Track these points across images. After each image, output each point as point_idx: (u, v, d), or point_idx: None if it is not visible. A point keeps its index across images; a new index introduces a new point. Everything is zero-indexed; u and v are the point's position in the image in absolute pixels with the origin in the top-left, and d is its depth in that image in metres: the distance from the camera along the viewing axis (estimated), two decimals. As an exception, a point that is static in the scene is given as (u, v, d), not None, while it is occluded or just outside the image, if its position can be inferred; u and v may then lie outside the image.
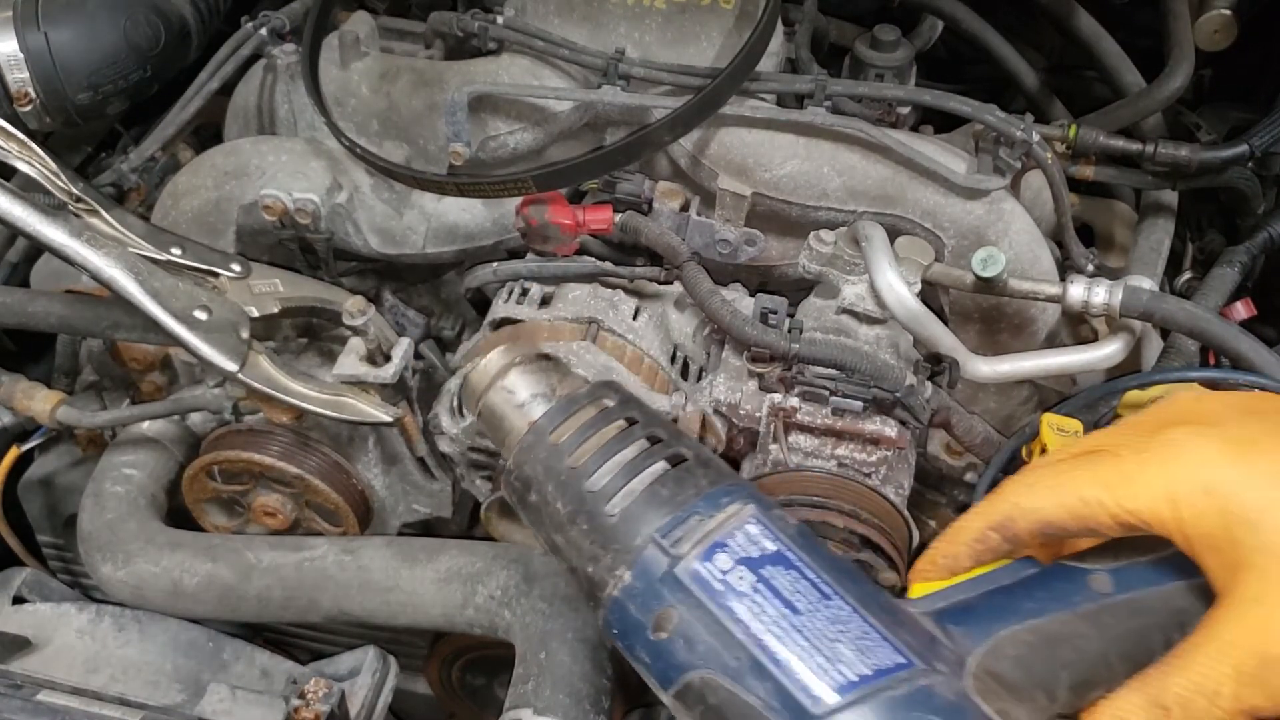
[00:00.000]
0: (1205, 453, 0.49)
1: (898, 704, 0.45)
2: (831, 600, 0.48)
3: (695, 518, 0.52)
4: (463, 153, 1.04)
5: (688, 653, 0.48)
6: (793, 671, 0.46)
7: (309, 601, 1.02)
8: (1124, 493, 0.50)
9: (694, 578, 0.49)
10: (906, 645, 0.47)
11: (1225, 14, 1.12)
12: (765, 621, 0.47)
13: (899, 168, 1.03)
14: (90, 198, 0.94)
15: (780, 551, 0.50)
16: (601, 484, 0.54)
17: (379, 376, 0.97)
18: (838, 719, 0.44)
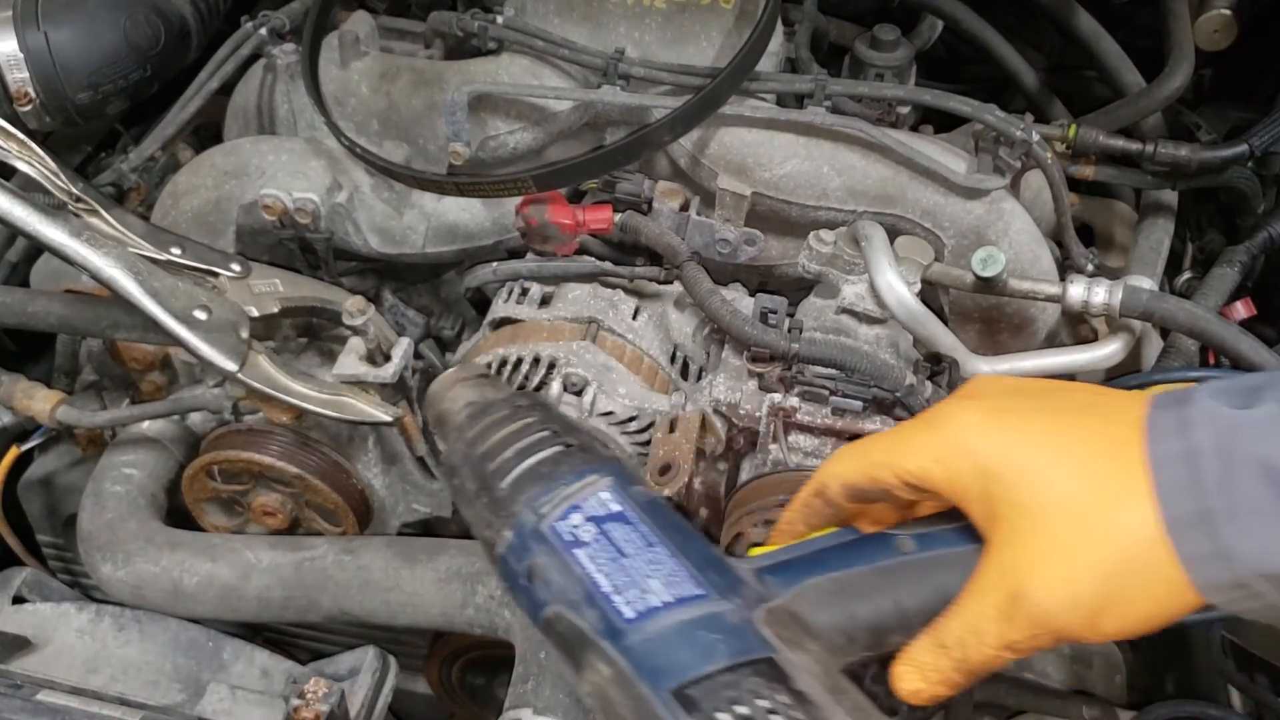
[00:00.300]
0: (966, 419, 0.56)
1: (687, 623, 0.55)
2: (655, 548, 0.59)
3: (561, 487, 0.63)
4: (462, 152, 1.05)
5: (545, 591, 0.60)
6: (611, 600, 0.57)
7: (309, 601, 1.02)
8: (902, 457, 0.58)
9: (552, 532, 0.61)
10: (710, 582, 0.57)
11: (1225, 14, 1.12)
12: (598, 564, 0.59)
13: (899, 167, 1.03)
14: (90, 197, 0.94)
15: (623, 512, 0.62)
16: (499, 465, 0.66)
17: (379, 376, 0.97)
18: (638, 631, 0.55)
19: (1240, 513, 0.49)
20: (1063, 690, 1.06)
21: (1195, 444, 0.51)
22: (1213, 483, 0.50)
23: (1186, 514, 0.50)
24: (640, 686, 0.53)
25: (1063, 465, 0.53)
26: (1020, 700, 1.05)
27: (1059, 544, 0.52)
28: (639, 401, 0.96)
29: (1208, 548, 0.50)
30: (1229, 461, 0.49)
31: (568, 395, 0.93)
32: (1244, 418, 0.50)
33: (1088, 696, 1.05)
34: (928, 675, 0.57)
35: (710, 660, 0.53)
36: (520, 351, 0.97)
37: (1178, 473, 0.51)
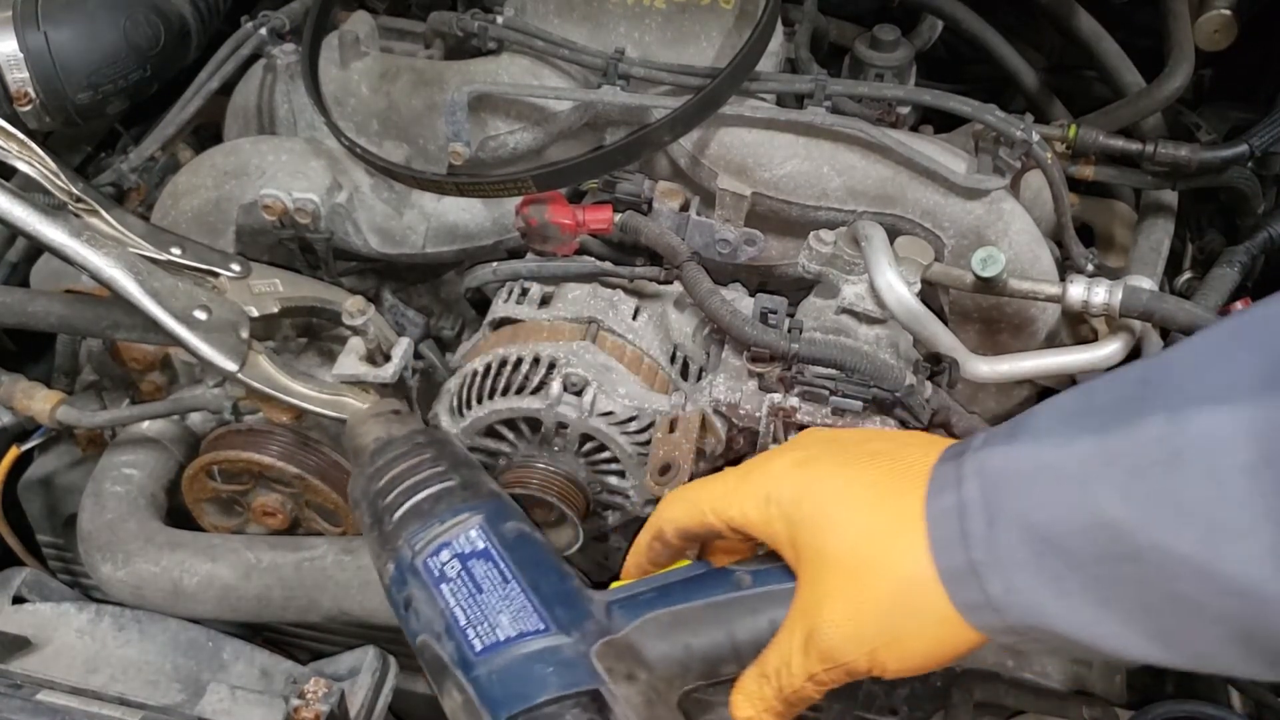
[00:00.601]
0: (775, 469, 0.62)
1: (525, 656, 0.61)
2: (509, 583, 0.65)
3: (436, 524, 0.69)
4: (462, 152, 1.05)
5: (417, 622, 0.66)
6: (465, 633, 0.63)
7: (309, 601, 1.03)
8: (725, 505, 0.63)
9: (424, 567, 0.68)
10: (554, 618, 0.63)
11: (1225, 14, 1.12)
12: (458, 598, 0.65)
13: (899, 168, 1.03)
14: (90, 197, 0.95)
15: (487, 549, 0.67)
16: (389, 501, 0.72)
17: (379, 376, 0.97)
18: (484, 664, 0.61)
19: (1004, 568, 0.52)
20: (1063, 690, 1.06)
21: (964, 498, 0.54)
22: (978, 537, 0.53)
23: (957, 566, 0.54)
24: (482, 714, 0.60)
25: (848, 513, 0.58)
26: (1020, 700, 1.05)
27: (844, 586, 0.56)
28: (639, 401, 0.96)
29: (979, 598, 0.53)
30: (992, 517, 0.52)
31: (568, 395, 0.93)
32: (1007, 466, 0.53)
33: (1088, 696, 1.05)
34: (755, 704, 0.61)
35: (541, 691, 0.59)
36: (520, 351, 0.97)
37: (950, 526, 0.54)
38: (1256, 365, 0.46)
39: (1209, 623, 0.47)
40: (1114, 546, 0.49)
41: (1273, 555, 0.44)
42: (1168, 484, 0.47)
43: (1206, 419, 0.46)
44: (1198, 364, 0.48)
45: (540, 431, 0.96)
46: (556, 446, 0.97)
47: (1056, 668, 1.14)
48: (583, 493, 0.99)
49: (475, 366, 0.98)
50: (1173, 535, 0.47)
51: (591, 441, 0.96)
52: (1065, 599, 0.51)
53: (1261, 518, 0.44)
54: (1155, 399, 0.49)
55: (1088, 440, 0.50)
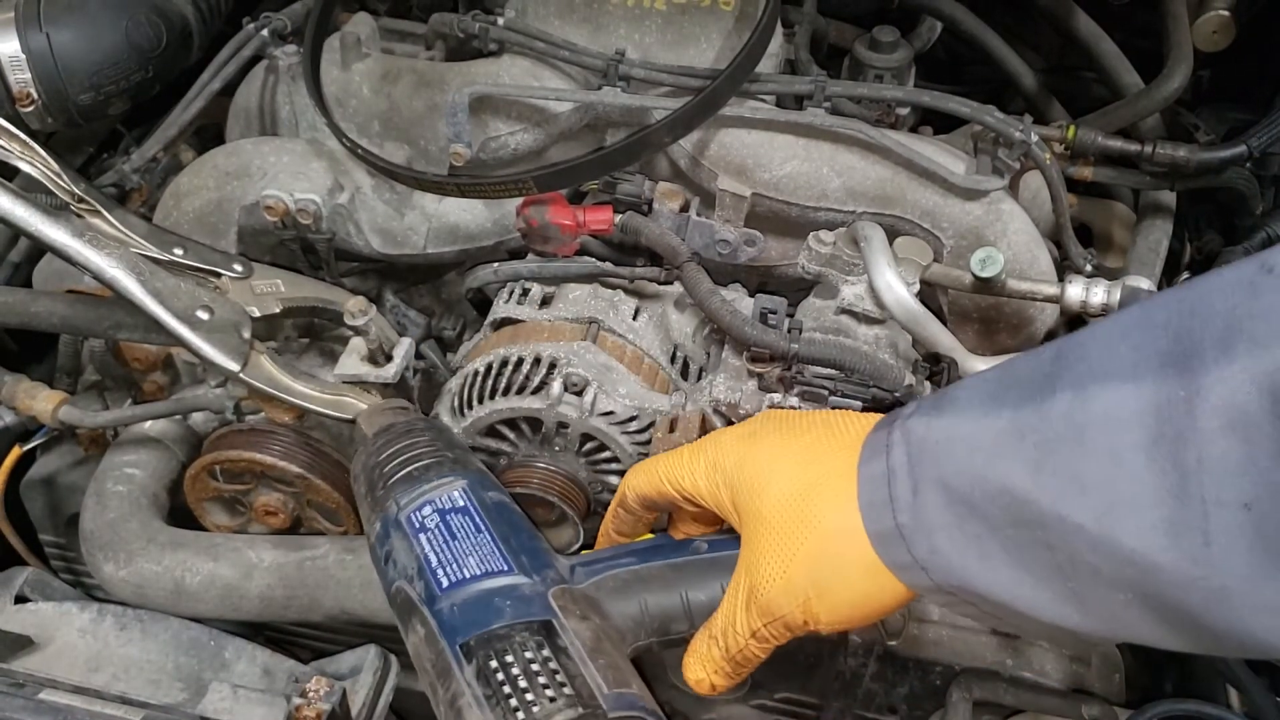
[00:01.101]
0: (722, 442, 0.66)
1: (486, 590, 0.66)
2: (481, 534, 0.69)
3: (422, 486, 0.74)
4: (464, 153, 1.05)
5: (393, 570, 0.71)
6: (435, 573, 0.67)
7: (310, 600, 1.03)
8: (678, 475, 0.68)
9: (407, 520, 0.72)
10: (518, 564, 0.67)
11: (1223, 15, 1.12)
12: (432, 544, 0.69)
13: (898, 168, 1.03)
14: (92, 198, 0.95)
15: (466, 506, 0.72)
16: (385, 471, 0.77)
17: (380, 376, 0.97)
18: (448, 597, 0.66)
19: (928, 531, 0.55)
20: (1062, 690, 1.07)
21: (892, 464, 0.57)
22: (904, 502, 0.56)
23: (886, 529, 0.57)
24: (441, 641, 0.64)
25: (781, 473, 0.61)
26: (1020, 700, 1.05)
27: (777, 542, 0.60)
28: (639, 401, 0.96)
29: (906, 559, 0.56)
30: (917, 483, 0.55)
31: (568, 395, 0.94)
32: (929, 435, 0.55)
33: (1087, 696, 1.06)
34: (705, 664, 0.64)
35: (495, 620, 0.63)
36: (521, 352, 0.98)
37: (879, 491, 0.57)
38: (1158, 346, 0.47)
39: (1114, 588, 0.49)
40: (1024, 514, 0.51)
41: (1166, 528, 0.46)
42: (1072, 459, 0.49)
43: (1109, 397, 0.48)
44: (1107, 343, 0.50)
45: (541, 431, 0.96)
46: (557, 446, 0.98)
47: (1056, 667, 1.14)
48: (583, 492, 0.99)
49: (476, 366, 0.99)
50: (1075, 508, 0.49)
51: (592, 441, 0.97)
52: (985, 561, 0.53)
53: (1155, 493, 0.46)
54: (1065, 376, 0.51)
55: (1004, 414, 0.53)
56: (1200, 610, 0.46)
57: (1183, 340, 0.46)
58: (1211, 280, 0.47)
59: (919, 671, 1.14)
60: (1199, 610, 0.46)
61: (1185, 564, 0.45)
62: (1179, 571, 0.46)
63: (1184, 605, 0.47)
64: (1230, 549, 0.44)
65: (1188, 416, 0.45)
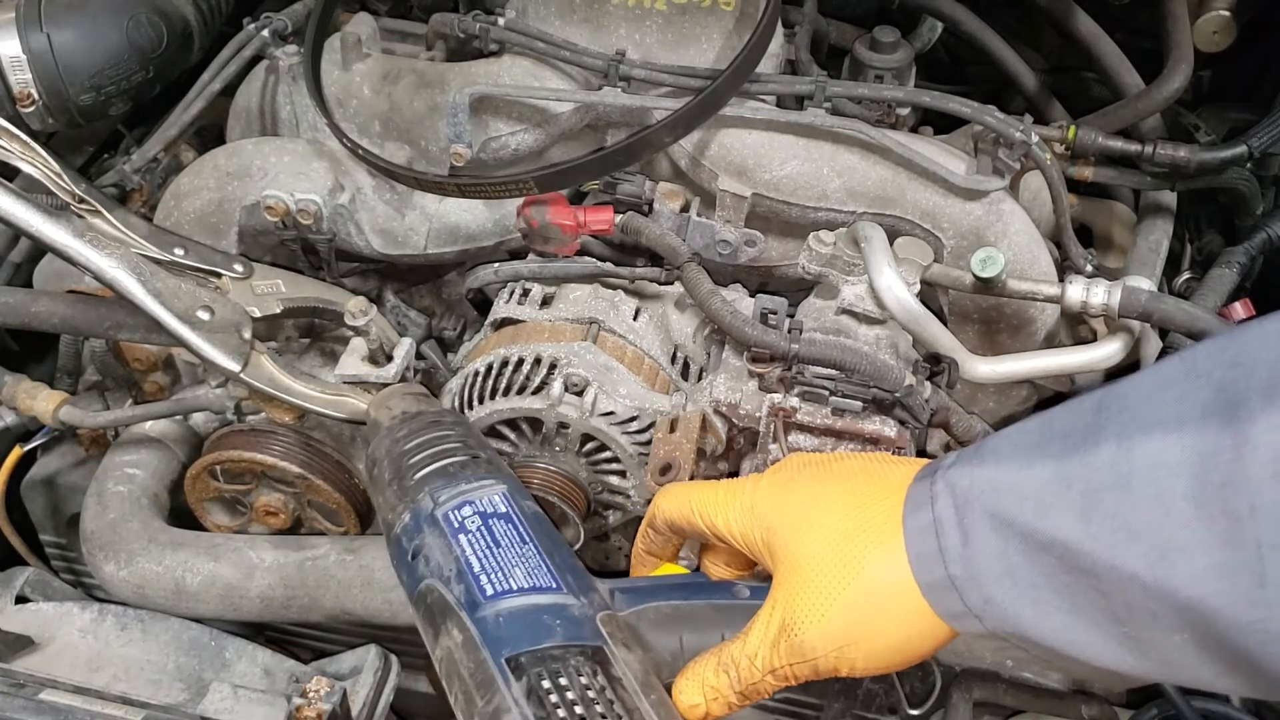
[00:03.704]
0: (759, 486, 0.67)
1: (535, 606, 0.64)
2: (526, 545, 0.67)
3: (462, 484, 0.72)
4: (464, 154, 1.05)
5: (424, 568, 0.68)
6: (478, 578, 0.65)
7: (311, 600, 1.03)
8: (711, 513, 0.68)
9: (443, 518, 0.69)
10: (565, 582, 0.66)
11: (1224, 15, 1.12)
12: (474, 548, 0.67)
13: (898, 169, 1.03)
14: (93, 198, 0.95)
15: (509, 513, 0.70)
16: (415, 461, 0.75)
17: (381, 376, 0.97)
18: (492, 606, 0.63)
19: (980, 582, 0.56)
20: (1062, 690, 1.07)
21: (939, 515, 0.57)
22: (954, 553, 0.56)
23: (937, 580, 0.57)
24: (482, 651, 0.62)
25: (823, 517, 0.62)
26: (1020, 700, 1.05)
27: (816, 585, 0.60)
28: (640, 402, 0.96)
29: (959, 608, 0.57)
30: (966, 534, 0.56)
31: (569, 395, 0.94)
32: (974, 486, 0.56)
33: (1087, 696, 1.06)
34: (707, 691, 0.64)
35: (546, 638, 0.61)
36: (521, 352, 0.98)
37: (928, 543, 0.58)
38: (1201, 396, 0.48)
39: (1169, 632, 0.50)
40: (1077, 563, 0.52)
41: (1220, 573, 0.47)
42: (1119, 507, 0.50)
43: (1154, 445, 0.49)
44: (1150, 393, 0.51)
45: (542, 431, 0.97)
46: (558, 446, 0.98)
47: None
48: (584, 492, 0.99)
49: (477, 367, 0.99)
50: (1125, 555, 0.50)
51: (592, 441, 0.97)
52: (1039, 607, 0.54)
53: (1206, 539, 0.47)
54: (1109, 426, 0.52)
55: (1047, 464, 0.53)
56: (1259, 653, 0.47)
57: (1226, 390, 0.47)
58: (1253, 330, 0.49)
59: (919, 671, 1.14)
60: (1257, 653, 0.47)
61: (1242, 607, 0.46)
62: (1236, 615, 0.47)
63: (1242, 648, 0.47)
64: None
65: (1237, 465, 0.46)
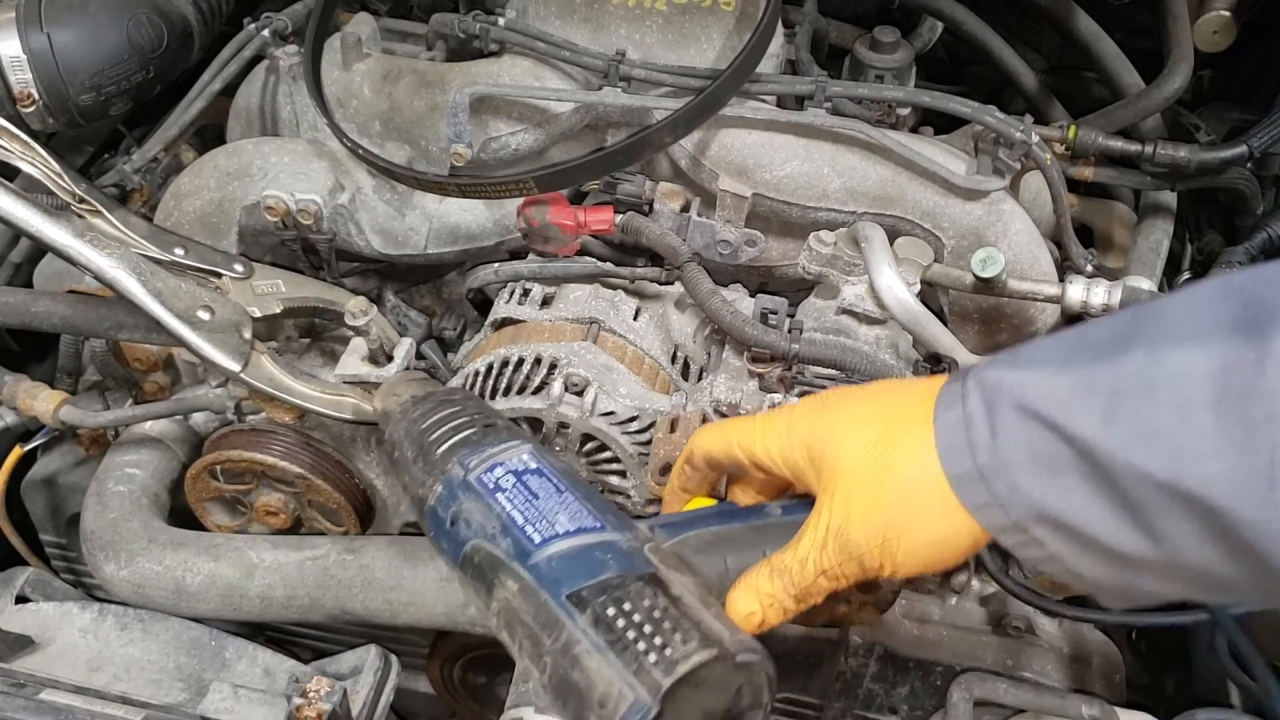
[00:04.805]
0: (794, 411, 0.70)
1: (584, 546, 0.66)
2: (563, 493, 0.69)
3: (489, 449, 0.73)
4: (464, 154, 1.05)
5: (466, 530, 0.69)
6: (523, 529, 0.67)
7: (311, 600, 1.03)
8: (750, 443, 0.70)
9: (477, 481, 0.71)
10: (606, 520, 0.68)
11: (1224, 15, 1.12)
12: (514, 503, 0.69)
13: (899, 169, 1.03)
14: (93, 198, 0.95)
15: (539, 468, 0.72)
16: (436, 436, 0.76)
17: (381, 376, 0.97)
18: (542, 552, 0.65)
19: (1007, 471, 0.58)
20: (1062, 690, 1.07)
21: (969, 411, 0.60)
22: (983, 446, 0.59)
23: (965, 471, 0.60)
24: (541, 594, 0.64)
25: (860, 426, 0.65)
26: (1020, 700, 1.05)
27: (858, 488, 0.63)
28: (640, 402, 0.96)
29: (986, 498, 0.60)
30: (995, 428, 0.59)
31: (569, 395, 0.94)
32: (1006, 383, 0.59)
33: (1088, 696, 1.06)
34: (763, 599, 0.66)
35: (602, 572, 0.63)
36: (522, 352, 0.98)
37: (957, 436, 0.60)
38: (1231, 311, 0.51)
39: (1184, 520, 0.53)
40: (1095, 459, 0.55)
41: (1231, 477, 0.50)
42: (1141, 412, 0.53)
43: (1181, 356, 0.52)
44: (1184, 308, 0.54)
45: (542, 431, 0.97)
46: (558, 446, 0.98)
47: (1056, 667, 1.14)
48: None
49: (477, 367, 0.99)
50: (1141, 456, 0.53)
51: (593, 441, 0.97)
52: (1061, 492, 0.57)
53: (1221, 445, 0.50)
54: (1142, 336, 0.55)
55: (1076, 370, 0.56)
56: (1265, 550, 0.50)
57: (1254, 305, 0.50)
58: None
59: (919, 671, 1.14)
60: (1264, 550, 0.50)
61: (1251, 508, 0.49)
62: (1246, 515, 0.49)
63: (1252, 545, 0.50)
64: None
65: (1258, 376, 0.49)
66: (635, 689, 0.58)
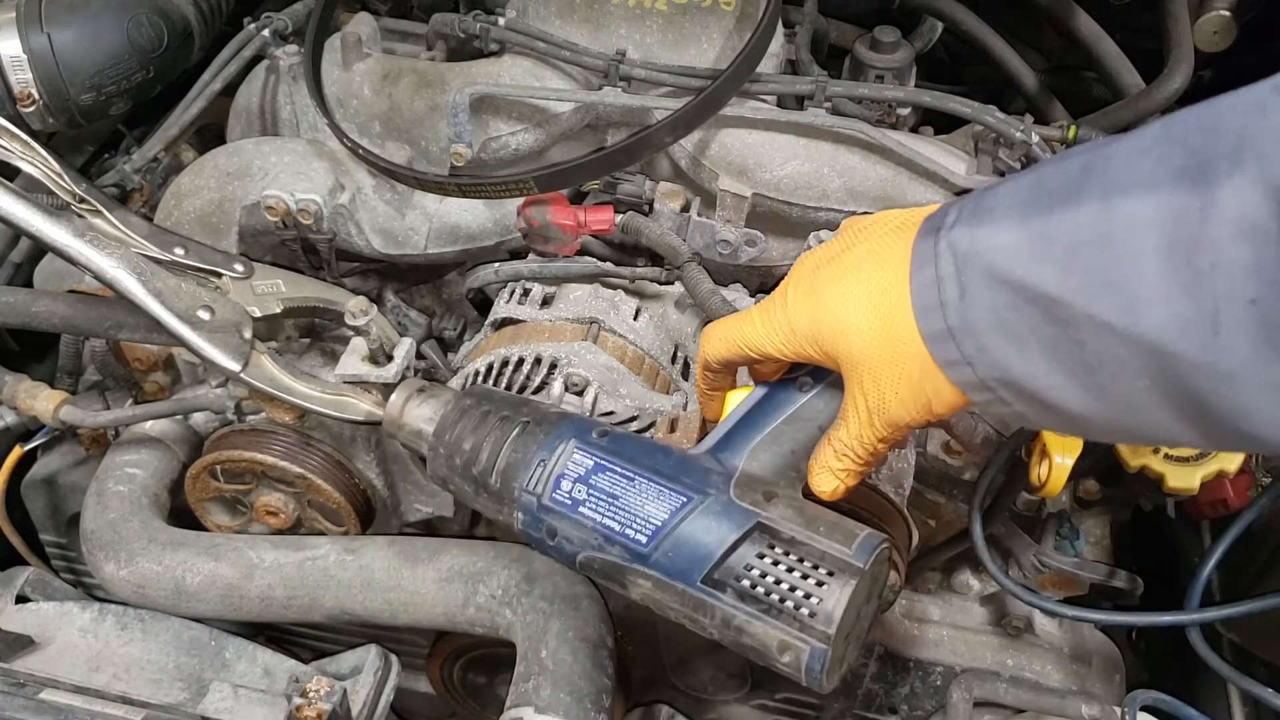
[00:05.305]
0: (790, 305, 0.71)
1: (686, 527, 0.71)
2: (634, 481, 0.74)
3: (540, 465, 0.77)
4: (464, 154, 1.05)
5: (570, 546, 0.76)
6: (625, 534, 0.73)
7: (311, 600, 1.03)
8: (757, 341, 0.73)
9: (553, 502, 0.76)
10: (687, 487, 0.73)
11: (1224, 15, 1.12)
12: (600, 511, 0.74)
13: (899, 168, 1.03)
14: (93, 198, 0.95)
15: (598, 463, 0.76)
16: (482, 468, 0.79)
17: (381, 376, 0.97)
18: (656, 550, 0.71)
19: (974, 331, 0.61)
20: (1062, 690, 1.07)
21: (940, 273, 0.63)
22: (952, 306, 0.62)
23: (937, 330, 0.63)
24: (676, 584, 0.71)
25: (859, 318, 0.67)
26: (1020, 700, 1.05)
27: (883, 372, 0.67)
28: (640, 401, 0.96)
29: (955, 355, 0.63)
30: (964, 288, 0.62)
31: (569, 395, 0.94)
32: (973, 246, 0.61)
33: (1087, 696, 1.06)
34: (837, 474, 0.72)
35: (719, 548, 0.69)
36: (522, 352, 0.98)
37: (929, 296, 0.63)
38: (1175, 161, 0.53)
39: (1134, 377, 0.56)
40: (1057, 313, 0.57)
41: (1181, 322, 0.52)
42: (1097, 261, 0.55)
43: (1131, 205, 0.54)
44: (1130, 157, 0.56)
45: (542, 431, 0.96)
46: (558, 446, 0.98)
47: (1056, 667, 1.14)
48: None
49: (477, 366, 0.99)
50: (1100, 305, 0.55)
51: (593, 441, 0.96)
52: (1023, 354, 0.60)
53: (1171, 291, 0.52)
54: (1092, 185, 0.57)
55: (1035, 222, 0.59)
56: (1209, 393, 0.53)
57: (1198, 155, 0.52)
58: (1226, 100, 0.53)
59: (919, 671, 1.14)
60: (1208, 393, 0.53)
61: (1196, 351, 0.52)
62: (1191, 358, 0.52)
63: (1195, 390, 0.53)
64: (1236, 338, 0.51)
65: (1202, 225, 0.51)
66: (807, 640, 0.67)
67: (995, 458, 0.96)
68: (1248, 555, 1.06)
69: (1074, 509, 1.14)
